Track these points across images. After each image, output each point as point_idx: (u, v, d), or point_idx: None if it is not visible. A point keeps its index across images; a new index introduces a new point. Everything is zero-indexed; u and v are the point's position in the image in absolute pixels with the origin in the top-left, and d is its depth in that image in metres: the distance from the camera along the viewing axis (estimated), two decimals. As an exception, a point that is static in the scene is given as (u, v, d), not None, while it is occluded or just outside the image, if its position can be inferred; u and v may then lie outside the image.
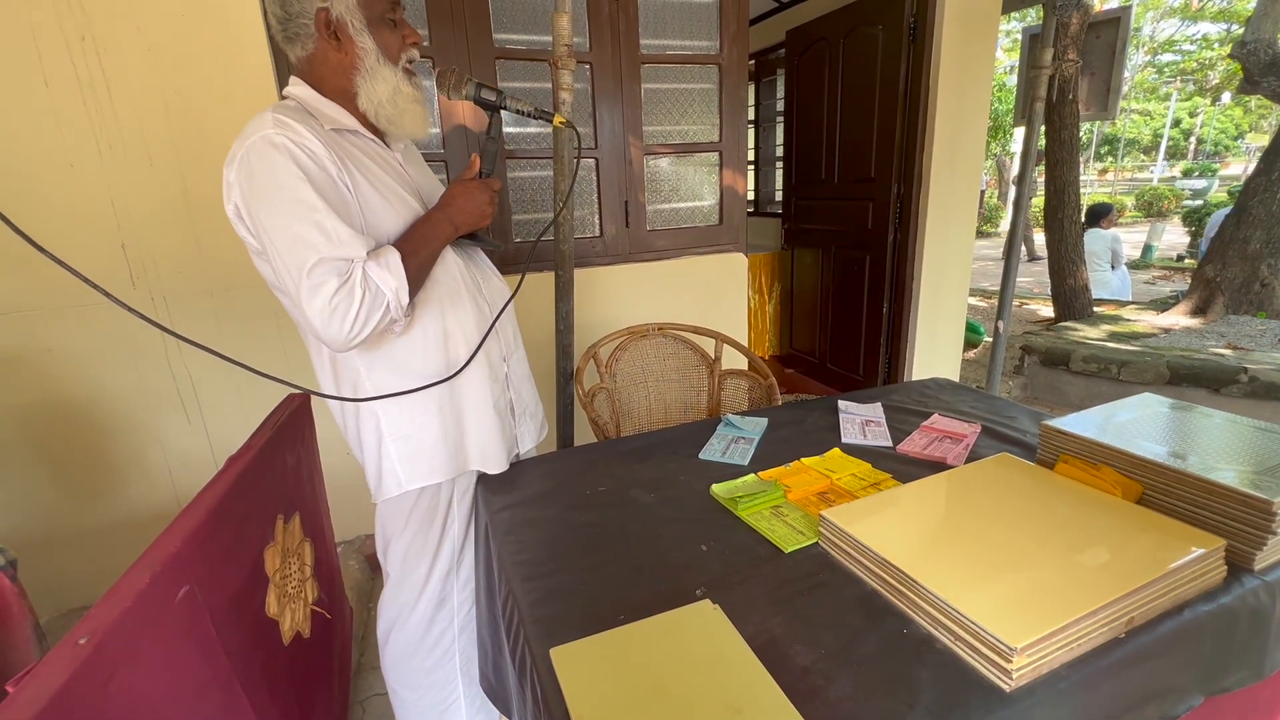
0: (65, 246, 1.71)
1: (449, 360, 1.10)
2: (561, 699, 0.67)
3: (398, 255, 0.94)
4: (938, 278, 3.01)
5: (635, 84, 2.30)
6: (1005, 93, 13.04)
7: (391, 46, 1.01)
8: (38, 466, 1.81)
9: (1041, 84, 2.30)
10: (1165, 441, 1.00)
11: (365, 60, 0.99)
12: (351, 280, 0.89)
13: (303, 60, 1.01)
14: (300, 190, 0.88)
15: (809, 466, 1.19)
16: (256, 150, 0.88)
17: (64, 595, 1.81)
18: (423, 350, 1.07)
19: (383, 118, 1.03)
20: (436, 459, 1.12)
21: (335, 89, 1.01)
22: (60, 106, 1.64)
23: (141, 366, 1.84)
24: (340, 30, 0.97)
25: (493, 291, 1.21)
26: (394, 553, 1.20)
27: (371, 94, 1.00)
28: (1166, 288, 6.97)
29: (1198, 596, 0.79)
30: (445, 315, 1.08)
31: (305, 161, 0.90)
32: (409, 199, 1.06)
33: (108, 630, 0.72)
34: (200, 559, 0.97)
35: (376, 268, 0.92)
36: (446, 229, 1.04)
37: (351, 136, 1.02)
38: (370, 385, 1.07)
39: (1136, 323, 4.47)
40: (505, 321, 1.22)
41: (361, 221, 0.96)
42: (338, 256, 0.88)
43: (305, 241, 0.87)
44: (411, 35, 1.04)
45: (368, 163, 1.01)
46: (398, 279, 0.93)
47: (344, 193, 0.94)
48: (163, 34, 1.68)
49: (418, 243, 1.00)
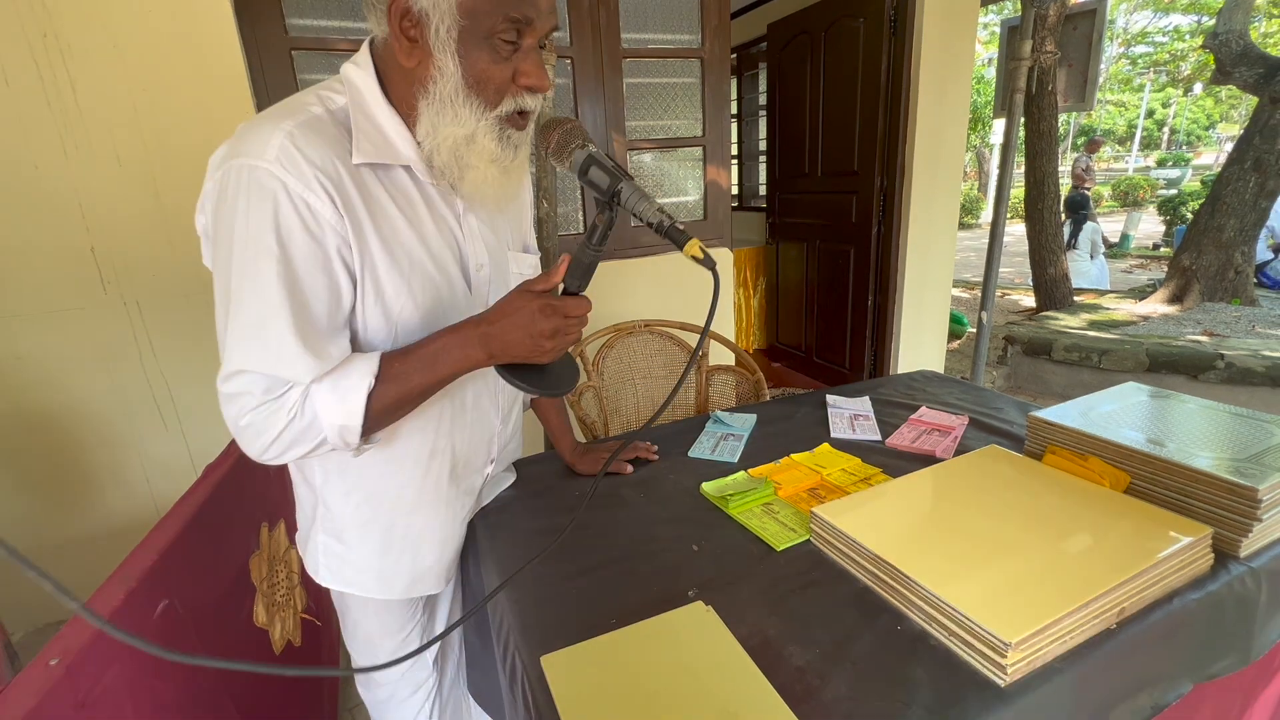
0: (31, 250, 1.66)
1: (425, 484, 0.88)
2: (554, 708, 0.65)
3: (366, 383, 0.69)
4: (922, 270, 3.03)
5: (617, 78, 2.28)
6: (984, 85, 13.17)
7: (489, 82, 0.70)
8: (9, 477, 1.76)
9: (1021, 75, 2.32)
10: (1147, 430, 1.01)
11: (439, 85, 0.69)
12: (281, 401, 0.67)
13: (378, 41, 0.73)
14: (264, 268, 0.65)
15: (799, 462, 1.19)
16: (240, 182, 0.65)
17: (37, 611, 1.76)
18: (393, 468, 0.85)
19: (437, 164, 0.74)
20: (367, 577, 0.90)
21: (401, 97, 0.73)
22: (22, 106, 1.58)
23: (116, 373, 1.79)
24: (419, 30, 0.67)
25: (513, 394, 0.97)
26: (346, 621, 0.98)
27: (433, 130, 0.72)
28: (1144, 276, 7.10)
29: (1186, 585, 0.79)
30: (439, 432, 0.86)
31: (292, 228, 0.66)
32: (439, 279, 0.78)
33: (80, 650, 0.69)
34: (180, 571, 0.95)
35: (327, 392, 0.68)
36: (475, 354, 0.73)
37: (399, 173, 0.75)
38: (317, 469, 0.85)
39: (1116, 311, 4.55)
40: (509, 420, 1.00)
41: (359, 310, 0.74)
42: (269, 373, 0.66)
43: (239, 336, 0.66)
44: (531, 75, 0.71)
45: (398, 222, 0.74)
46: (349, 415, 0.69)
47: (338, 276, 0.70)
48: (129, 31, 1.63)
49: (416, 364, 0.72)
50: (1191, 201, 8.70)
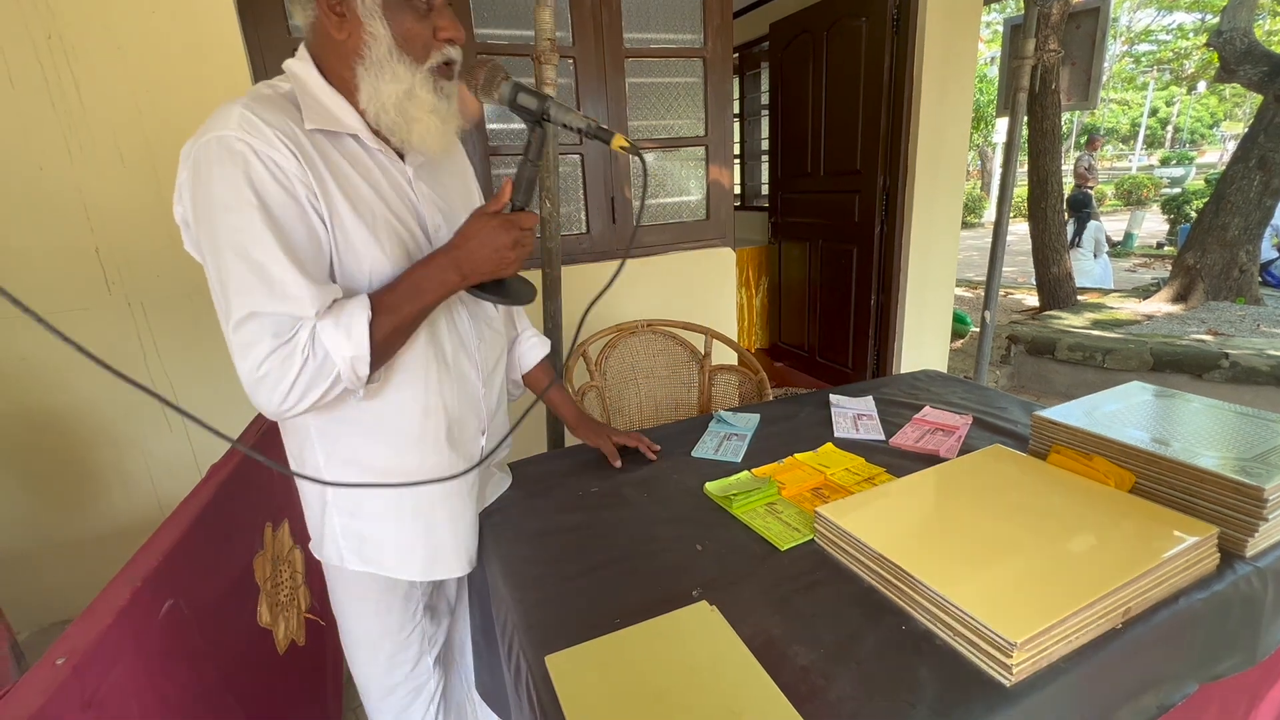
0: (36, 251, 1.66)
1: (424, 444, 0.90)
2: (559, 708, 0.65)
3: (365, 314, 0.74)
4: (925, 269, 3.02)
5: (619, 78, 2.28)
6: (986, 84, 13.14)
7: (415, 39, 0.78)
8: (13, 477, 1.76)
9: (1024, 74, 2.31)
10: (1152, 429, 1.00)
11: (372, 50, 0.77)
12: (293, 343, 0.71)
13: (307, 29, 0.81)
14: (248, 219, 0.70)
15: (802, 462, 1.18)
16: (210, 154, 0.70)
17: (45, 610, 1.77)
18: (391, 428, 0.87)
19: (384, 124, 0.81)
20: (385, 552, 0.92)
21: (338, 76, 0.80)
22: (27, 107, 1.59)
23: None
24: (345, 4, 0.75)
25: (487, 351, 0.99)
26: (344, 624, 0.99)
27: (375, 93, 0.78)
28: (1147, 275, 7.07)
29: (1192, 585, 0.79)
30: (428, 384, 0.88)
31: (264, 180, 0.71)
32: (401, 230, 0.84)
33: (86, 650, 0.70)
34: (185, 571, 0.95)
35: (331, 329, 0.73)
36: (450, 278, 0.81)
37: (348, 141, 0.81)
38: (320, 449, 0.87)
39: (1120, 310, 4.53)
40: (492, 384, 1.02)
41: (335, 262, 0.78)
42: (278, 312, 0.70)
43: (238, 285, 0.70)
44: (448, 29, 0.80)
45: (356, 181, 0.80)
46: (356, 346, 0.73)
47: (314, 225, 0.75)
48: (132, 32, 1.64)
49: (404, 294, 0.78)
50: (1195, 200, 8.67)
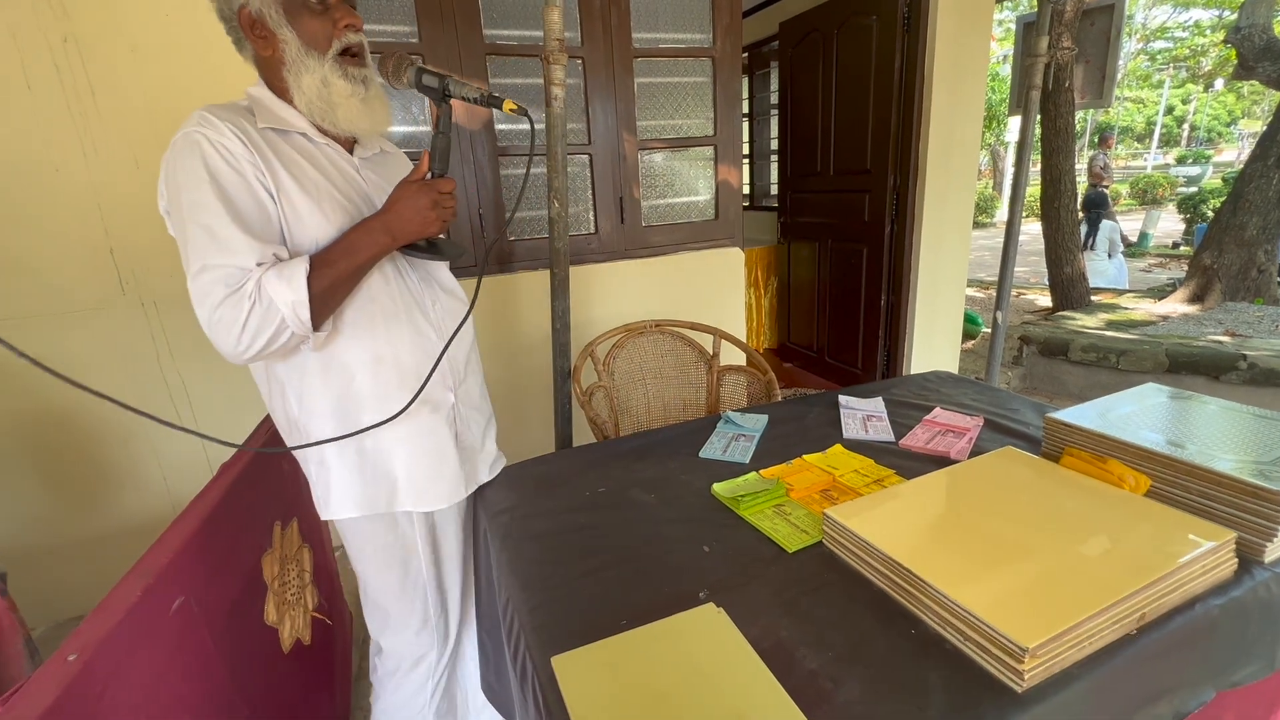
0: (51, 253, 1.69)
1: (376, 389, 1.00)
2: (564, 709, 0.65)
3: (304, 266, 0.86)
4: (935, 269, 3.00)
5: (628, 78, 2.27)
6: (999, 82, 13.00)
7: (318, 34, 0.91)
8: (28, 475, 1.79)
9: (1037, 72, 2.28)
10: (1167, 432, 0.99)
11: (288, 53, 0.91)
12: (240, 291, 0.83)
13: (254, 62, 0.98)
14: (200, 191, 0.84)
15: (811, 463, 1.18)
16: (176, 149, 0.86)
17: (58, 606, 1.79)
18: (345, 375, 0.98)
19: (316, 114, 0.94)
20: (347, 496, 1.02)
21: (280, 89, 0.95)
22: (43, 110, 1.61)
23: (133, 372, 1.81)
24: (262, 26, 0.90)
25: (444, 312, 1.09)
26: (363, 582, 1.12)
27: (300, 89, 0.92)
28: (1163, 275, 6.98)
29: (1209, 590, 0.77)
30: (376, 337, 0.99)
31: (215, 160, 0.85)
32: (347, 205, 0.96)
33: (98, 646, 0.70)
34: (195, 569, 0.95)
35: (274, 279, 0.84)
36: (381, 239, 0.93)
37: (296, 138, 0.95)
38: (293, 400, 1.00)
39: (1134, 311, 4.48)
40: (456, 346, 1.09)
41: (283, 230, 0.90)
42: (226, 265, 0.83)
43: (195, 245, 0.83)
44: (345, 18, 0.93)
45: (304, 166, 0.94)
46: (295, 292, 0.84)
47: (260, 196, 0.88)
48: (145, 34, 1.65)
49: (339, 253, 0.90)
50: (1212, 199, 8.54)
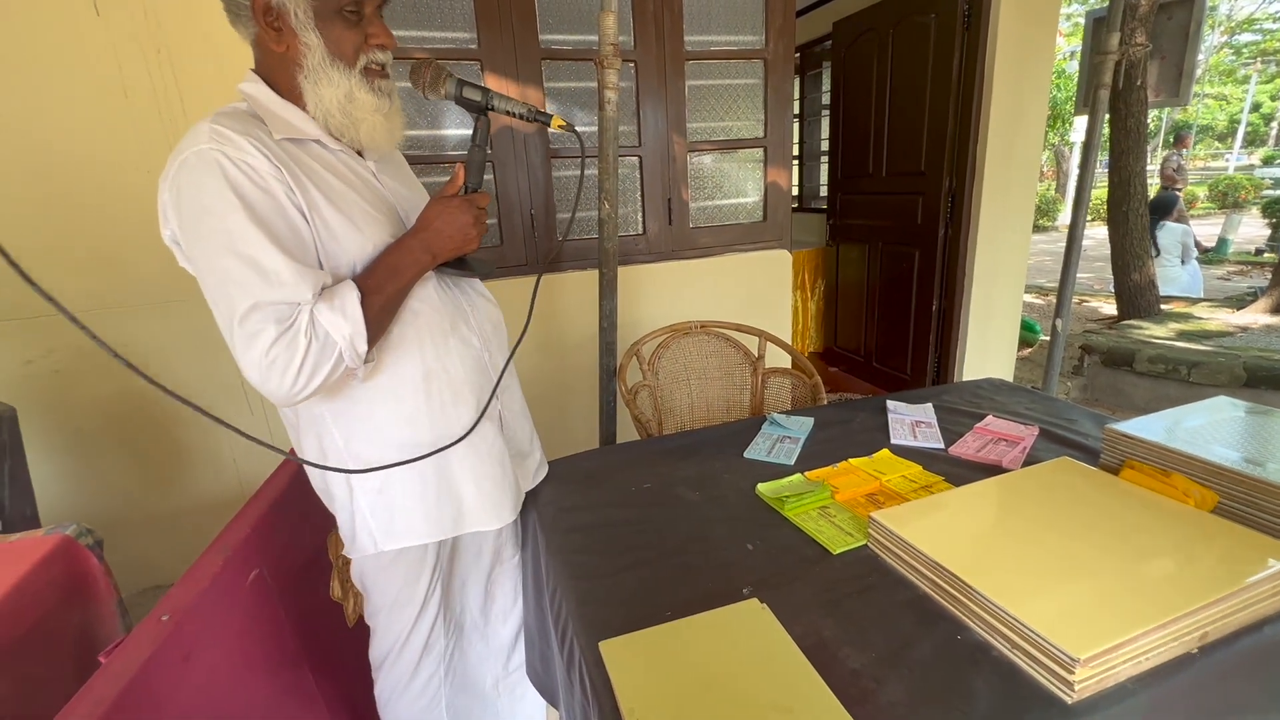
0: (138, 248, 1.82)
1: (431, 406, 0.95)
2: (610, 691, 0.68)
3: (355, 294, 0.80)
4: (991, 274, 2.91)
5: (679, 81, 2.29)
6: (1065, 79, 12.42)
7: (346, 45, 0.85)
8: (120, 450, 1.94)
9: (1107, 70, 2.19)
10: (1241, 447, 0.94)
11: (308, 59, 0.84)
12: (295, 327, 0.76)
13: (253, 47, 0.88)
14: (232, 218, 0.75)
15: (857, 467, 1.17)
16: (188, 168, 0.76)
17: (141, 574, 1.93)
18: (395, 397, 0.92)
19: (334, 127, 0.88)
20: (415, 519, 0.97)
21: (286, 87, 0.87)
22: (137, 115, 1.74)
23: (209, 359, 1.94)
24: (281, 20, 0.82)
25: (482, 318, 1.05)
26: (374, 604, 1.06)
27: (318, 99, 0.85)
28: (1243, 283, 6.54)
29: (1278, 613, 0.74)
30: (425, 353, 0.94)
31: (242, 182, 0.76)
32: (382, 219, 0.91)
33: (187, 609, 0.77)
34: (269, 545, 1.03)
35: (327, 311, 0.78)
36: (422, 258, 0.89)
37: (313, 146, 0.88)
38: (338, 434, 0.92)
39: (1209, 321, 4.22)
40: (499, 353, 1.07)
41: (318, 252, 0.83)
42: (277, 300, 0.75)
43: (236, 281, 0.75)
44: (379, 35, 0.87)
45: (329, 178, 0.87)
46: (353, 324, 0.79)
47: (294, 219, 0.81)
48: (228, 41, 1.75)
49: (384, 276, 0.85)
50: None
